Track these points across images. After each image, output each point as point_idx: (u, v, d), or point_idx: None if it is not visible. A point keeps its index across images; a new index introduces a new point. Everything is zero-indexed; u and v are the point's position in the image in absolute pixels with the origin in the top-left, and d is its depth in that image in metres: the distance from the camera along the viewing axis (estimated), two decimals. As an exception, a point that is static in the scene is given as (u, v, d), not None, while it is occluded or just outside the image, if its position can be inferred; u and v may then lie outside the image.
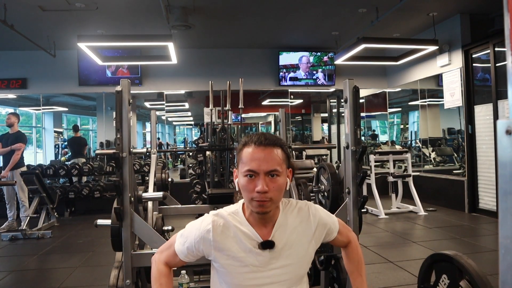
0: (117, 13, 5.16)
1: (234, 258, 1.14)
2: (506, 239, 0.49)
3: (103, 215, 2.17)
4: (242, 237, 1.15)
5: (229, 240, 1.15)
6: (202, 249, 1.16)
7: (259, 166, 1.08)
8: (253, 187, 1.08)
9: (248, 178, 1.09)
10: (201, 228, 1.17)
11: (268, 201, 1.08)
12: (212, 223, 1.16)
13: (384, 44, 5.71)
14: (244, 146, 1.14)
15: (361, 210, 1.95)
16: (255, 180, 1.08)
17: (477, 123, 5.43)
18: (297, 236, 1.18)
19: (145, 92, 7.22)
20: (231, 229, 1.16)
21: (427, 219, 5.31)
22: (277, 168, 1.09)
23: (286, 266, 1.15)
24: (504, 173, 0.50)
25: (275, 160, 1.10)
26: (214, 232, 1.14)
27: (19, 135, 5.26)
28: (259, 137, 1.13)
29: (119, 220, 1.81)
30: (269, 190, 1.07)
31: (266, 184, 1.07)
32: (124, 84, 1.83)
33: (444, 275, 1.53)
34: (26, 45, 5.88)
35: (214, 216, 1.18)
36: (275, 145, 1.13)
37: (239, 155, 1.15)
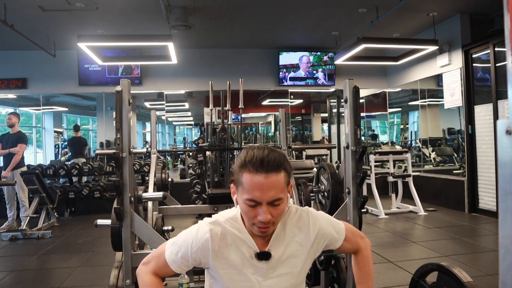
0: (117, 13, 5.16)
1: (232, 266, 1.11)
2: (506, 239, 0.49)
3: (103, 215, 2.17)
4: (240, 244, 1.12)
5: (227, 249, 1.12)
6: (200, 258, 1.12)
7: (261, 196, 1.02)
8: (255, 215, 1.04)
9: (249, 206, 1.05)
10: (199, 237, 1.12)
11: (270, 227, 1.06)
12: (210, 232, 1.11)
13: (384, 44, 5.71)
14: (244, 169, 1.05)
15: (361, 210, 1.95)
16: (257, 209, 1.04)
17: (477, 123, 5.43)
18: (295, 246, 1.16)
19: (145, 92, 7.22)
20: (229, 236, 1.12)
21: (427, 219, 5.31)
22: (281, 196, 1.04)
23: (283, 275, 1.14)
24: (504, 173, 0.50)
25: (278, 187, 1.04)
26: (212, 241, 1.10)
27: (20, 135, 5.25)
28: (261, 160, 1.03)
29: (119, 220, 1.81)
30: (271, 217, 1.04)
31: (268, 213, 1.03)
32: (124, 84, 1.83)
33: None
34: (26, 45, 5.88)
35: (211, 224, 1.13)
36: (278, 170, 1.05)
37: (237, 176, 1.07)
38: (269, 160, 1.04)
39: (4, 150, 5.14)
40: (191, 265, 1.15)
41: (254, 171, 1.03)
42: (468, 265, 3.31)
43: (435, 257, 3.57)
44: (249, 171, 1.03)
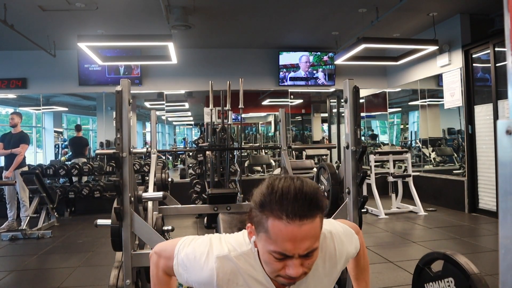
0: (117, 13, 5.16)
1: None
2: (506, 239, 0.49)
3: (103, 215, 2.17)
4: (255, 286, 0.94)
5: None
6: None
7: (294, 250, 0.82)
8: (282, 267, 0.85)
9: (275, 258, 0.84)
10: (204, 273, 0.95)
11: (300, 278, 0.87)
12: (216, 270, 0.93)
13: (384, 44, 5.71)
14: (268, 212, 0.82)
15: (361, 210, 1.95)
16: (286, 261, 0.84)
17: (477, 123, 5.43)
18: (319, 281, 0.99)
19: (145, 92, 7.22)
20: (241, 276, 0.94)
21: (427, 219, 5.31)
22: (316, 246, 0.85)
23: None
24: (504, 173, 0.50)
25: (314, 236, 0.83)
26: (219, 281, 0.93)
27: (22, 135, 5.25)
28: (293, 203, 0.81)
29: (119, 220, 1.81)
30: (303, 269, 0.85)
31: (300, 266, 0.84)
32: (124, 84, 1.83)
33: (451, 278, 1.50)
34: (26, 45, 5.88)
35: (220, 260, 0.94)
36: (315, 213, 0.83)
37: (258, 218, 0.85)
38: (302, 200, 0.81)
39: (6, 150, 5.14)
40: None
41: (284, 218, 0.80)
42: (468, 265, 3.30)
43: (435, 257, 3.57)
44: (278, 217, 0.81)
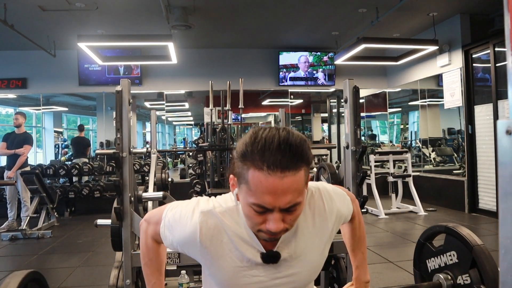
0: (117, 13, 5.16)
1: (228, 268, 0.90)
2: (506, 239, 0.49)
3: (103, 215, 2.17)
4: (240, 244, 0.89)
5: (222, 248, 0.89)
6: (189, 253, 0.94)
7: (274, 203, 0.77)
8: (262, 221, 0.81)
9: (255, 212, 0.80)
10: (187, 228, 0.91)
11: (281, 234, 0.84)
12: (200, 224, 0.89)
13: (384, 44, 5.71)
14: (249, 162, 0.77)
15: (361, 210, 1.95)
16: (266, 215, 0.80)
17: (477, 123, 5.43)
18: (310, 240, 0.93)
19: (145, 92, 7.22)
20: (226, 233, 0.89)
21: (427, 219, 5.31)
22: (299, 201, 0.79)
23: (294, 274, 0.93)
24: (504, 173, 0.50)
25: (297, 190, 0.78)
26: (202, 236, 0.89)
27: (26, 136, 5.24)
28: (275, 152, 0.75)
29: (119, 220, 1.81)
30: (284, 225, 0.81)
31: (281, 220, 0.80)
32: (124, 84, 1.83)
33: (454, 251, 1.46)
34: (26, 45, 5.88)
35: (203, 215, 0.90)
36: (298, 166, 0.77)
37: (240, 169, 0.80)
38: (285, 151, 0.75)
39: (9, 150, 5.13)
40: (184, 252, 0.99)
41: (265, 169, 0.75)
42: (468, 265, 3.30)
43: (435, 257, 3.57)
44: (258, 168, 0.76)
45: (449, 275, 1.41)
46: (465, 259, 1.40)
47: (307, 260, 0.94)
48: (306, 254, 0.93)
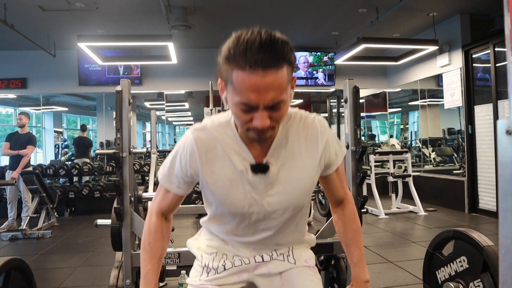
0: (117, 13, 5.16)
1: (224, 181, 0.94)
2: (506, 239, 0.49)
3: (103, 215, 2.18)
4: (232, 155, 0.93)
5: (217, 160, 0.94)
6: (191, 173, 0.97)
7: (258, 100, 0.80)
8: (249, 119, 0.84)
9: (242, 110, 0.84)
10: (185, 148, 0.96)
11: (268, 131, 0.86)
12: (194, 140, 0.95)
13: (384, 44, 5.71)
14: (232, 63, 0.80)
15: (361, 210, 1.94)
16: (252, 113, 0.83)
17: (477, 123, 5.43)
18: (299, 157, 0.96)
19: (145, 92, 7.22)
20: (219, 145, 0.94)
21: (427, 219, 5.31)
22: (282, 98, 0.83)
23: (284, 193, 0.96)
24: (504, 173, 0.50)
25: (279, 87, 0.81)
26: (198, 150, 0.94)
27: (30, 136, 5.23)
28: (256, 51, 0.77)
29: (119, 220, 1.81)
30: (270, 121, 0.84)
31: (267, 118, 0.83)
32: (124, 84, 1.83)
33: (464, 257, 1.36)
34: (26, 45, 5.88)
35: (196, 131, 0.96)
36: (280, 64, 0.80)
37: (225, 72, 0.84)
38: (266, 50, 0.78)
39: (13, 150, 5.12)
40: (189, 182, 1.01)
41: (247, 69, 0.78)
42: (468, 265, 3.30)
43: (435, 257, 3.57)
44: (241, 68, 0.79)
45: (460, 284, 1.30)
46: (476, 263, 1.29)
47: (296, 179, 0.96)
48: (295, 172, 0.96)
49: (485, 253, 1.25)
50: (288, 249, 1.10)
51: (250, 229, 1.02)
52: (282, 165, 0.95)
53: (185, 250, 1.86)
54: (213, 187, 0.96)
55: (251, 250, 1.07)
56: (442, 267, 1.46)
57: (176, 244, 3.03)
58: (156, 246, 1.03)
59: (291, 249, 1.10)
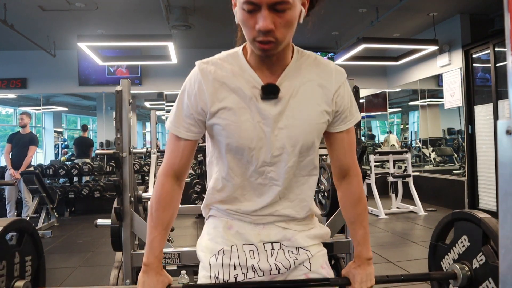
0: (117, 13, 5.16)
1: (232, 113, 0.90)
2: (506, 239, 0.49)
3: (103, 215, 2.18)
4: (241, 83, 0.90)
5: (225, 89, 0.90)
6: (201, 108, 0.92)
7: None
8: (254, 24, 0.82)
9: (246, 12, 0.83)
10: (192, 82, 0.95)
11: (273, 43, 0.83)
12: (201, 72, 0.93)
13: (384, 44, 5.71)
14: None
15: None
16: (256, 15, 0.82)
17: (477, 123, 5.43)
18: (311, 89, 0.92)
19: (145, 92, 7.23)
20: (226, 75, 0.91)
21: (427, 219, 5.31)
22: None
23: (293, 126, 0.91)
24: (504, 173, 0.50)
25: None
26: (206, 81, 0.91)
27: (32, 136, 5.22)
28: None
29: (119, 220, 1.81)
30: (275, 27, 0.81)
31: (270, 21, 0.80)
32: (124, 84, 1.83)
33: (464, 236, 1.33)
34: (26, 45, 5.88)
35: (202, 64, 0.94)
36: None
37: None
38: None
39: (15, 151, 5.10)
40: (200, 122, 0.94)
41: None
42: (468, 265, 3.30)
43: (435, 257, 3.57)
44: None
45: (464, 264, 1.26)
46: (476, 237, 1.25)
47: (306, 111, 0.92)
48: (305, 104, 0.92)
49: (483, 224, 1.22)
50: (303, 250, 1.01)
51: (258, 180, 0.95)
52: (292, 95, 0.91)
53: (185, 250, 1.86)
54: (221, 119, 0.91)
55: (258, 232, 0.99)
56: (446, 255, 1.43)
57: (176, 244, 3.03)
58: (164, 213, 0.97)
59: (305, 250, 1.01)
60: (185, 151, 0.96)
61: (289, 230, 1.01)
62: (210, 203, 1.04)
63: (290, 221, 1.01)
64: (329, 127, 0.98)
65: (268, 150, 0.92)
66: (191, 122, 0.94)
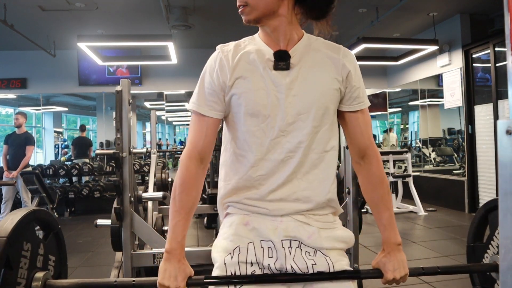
0: (117, 13, 5.16)
1: (246, 80, 0.95)
2: (506, 239, 0.49)
3: (103, 215, 2.17)
4: (255, 55, 0.97)
5: (240, 62, 0.96)
6: (223, 81, 0.96)
7: None
8: None
9: None
10: (212, 62, 1.01)
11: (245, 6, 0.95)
12: (222, 52, 1.00)
13: (384, 44, 5.71)
14: None
15: (361, 210, 1.94)
16: None
17: (477, 123, 5.43)
18: (321, 59, 0.98)
19: (145, 92, 7.23)
20: (242, 50, 0.98)
21: (427, 219, 5.31)
22: None
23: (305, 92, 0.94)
24: (504, 173, 0.50)
25: None
26: (226, 59, 0.97)
27: (28, 136, 5.20)
28: None
29: (119, 220, 1.81)
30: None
31: None
32: (124, 84, 1.83)
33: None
34: (26, 45, 5.88)
35: (222, 47, 1.03)
36: None
37: None
38: None
39: (11, 151, 5.08)
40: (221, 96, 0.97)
41: None
42: (468, 265, 3.30)
43: (435, 257, 3.57)
44: None
45: None
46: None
47: (317, 78, 0.95)
48: (316, 71, 0.96)
49: None
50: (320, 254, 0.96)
51: (274, 155, 0.94)
52: (303, 64, 0.96)
53: (186, 250, 1.85)
54: (237, 88, 0.95)
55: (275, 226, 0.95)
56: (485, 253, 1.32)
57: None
58: (188, 197, 0.95)
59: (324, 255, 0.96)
60: (209, 130, 0.97)
61: (309, 226, 0.96)
62: (224, 197, 1.01)
63: (310, 214, 0.97)
64: (343, 105, 1.00)
65: (283, 117, 0.93)
66: (214, 99, 0.97)
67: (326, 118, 0.96)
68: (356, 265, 1.87)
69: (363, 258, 1.81)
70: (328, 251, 0.97)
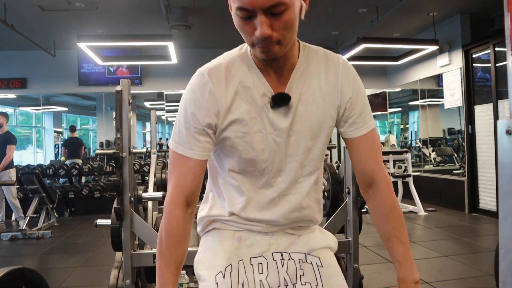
0: (117, 13, 5.16)
1: (242, 123, 0.84)
2: (506, 239, 0.49)
3: (103, 215, 2.17)
4: (251, 89, 0.85)
5: (236, 100, 0.84)
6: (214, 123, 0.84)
7: (253, 1, 0.73)
8: (252, 30, 0.77)
9: (242, 19, 0.77)
10: (197, 88, 0.85)
11: (274, 46, 0.78)
12: (207, 75, 0.85)
13: (384, 44, 5.71)
14: None
15: (361, 210, 1.94)
16: (253, 21, 0.76)
17: (477, 123, 5.43)
18: (318, 90, 0.88)
19: (145, 92, 7.22)
20: (235, 79, 0.85)
21: (427, 219, 5.31)
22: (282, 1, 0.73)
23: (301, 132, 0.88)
24: (504, 173, 0.50)
25: None
26: (215, 86, 0.84)
27: (9, 136, 5.14)
28: None
29: (119, 220, 1.81)
30: (273, 31, 0.76)
31: (267, 26, 0.75)
32: (124, 84, 1.83)
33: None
34: (26, 45, 5.88)
35: (208, 69, 0.88)
36: None
37: None
38: None
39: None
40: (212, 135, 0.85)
41: None
42: (468, 265, 3.30)
43: (435, 257, 3.57)
44: None
45: None
46: None
47: (311, 116, 0.87)
48: (311, 108, 0.87)
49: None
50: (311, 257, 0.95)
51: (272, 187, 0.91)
52: (300, 100, 0.86)
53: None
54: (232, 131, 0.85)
55: (267, 241, 0.93)
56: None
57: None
58: (177, 250, 0.85)
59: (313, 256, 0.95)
60: (196, 171, 0.84)
61: (296, 236, 0.96)
62: (211, 215, 0.96)
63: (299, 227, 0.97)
64: (344, 131, 0.93)
65: (282, 158, 0.88)
66: (203, 139, 0.84)
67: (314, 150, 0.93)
68: (356, 265, 1.87)
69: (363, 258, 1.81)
70: (317, 251, 0.97)
